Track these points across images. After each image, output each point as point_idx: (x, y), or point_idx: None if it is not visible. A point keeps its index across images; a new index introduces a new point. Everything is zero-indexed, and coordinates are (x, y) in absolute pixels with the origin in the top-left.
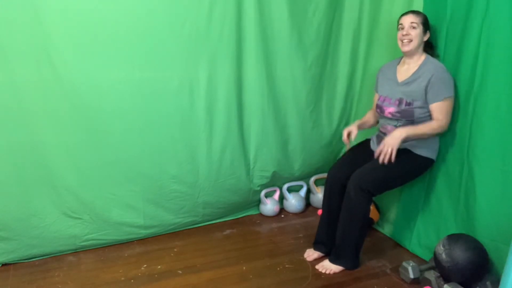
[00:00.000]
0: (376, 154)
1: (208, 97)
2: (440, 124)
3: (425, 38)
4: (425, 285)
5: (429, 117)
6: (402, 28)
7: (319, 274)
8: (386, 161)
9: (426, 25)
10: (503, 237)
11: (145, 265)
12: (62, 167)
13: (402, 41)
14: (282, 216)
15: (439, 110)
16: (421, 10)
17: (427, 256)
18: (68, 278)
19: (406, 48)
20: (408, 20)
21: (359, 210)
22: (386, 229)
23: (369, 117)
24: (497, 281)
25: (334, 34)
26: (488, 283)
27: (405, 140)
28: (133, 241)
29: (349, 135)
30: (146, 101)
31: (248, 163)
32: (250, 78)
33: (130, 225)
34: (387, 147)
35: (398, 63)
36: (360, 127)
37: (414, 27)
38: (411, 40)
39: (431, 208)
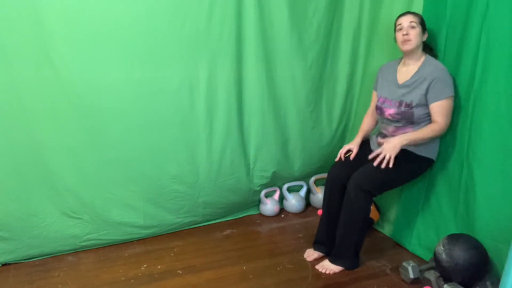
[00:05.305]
0: (371, 156)
1: (208, 97)
2: (439, 127)
3: (424, 38)
4: (425, 285)
5: (428, 117)
6: (401, 29)
7: (319, 274)
8: (383, 166)
9: (423, 25)
10: (503, 237)
11: (145, 265)
12: (62, 167)
13: (402, 41)
14: (282, 216)
15: (439, 110)
16: (420, 10)
17: (427, 256)
18: (68, 278)
19: (406, 47)
20: (406, 20)
21: (359, 210)
22: (386, 229)
23: (367, 126)
24: (497, 281)
25: (334, 34)
26: (488, 283)
27: (404, 146)
28: (133, 241)
29: (347, 152)
30: (146, 101)
31: (248, 163)
32: (250, 78)
33: (130, 225)
34: (385, 153)
35: (399, 64)
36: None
37: (413, 27)
38: (410, 40)
39: (431, 208)
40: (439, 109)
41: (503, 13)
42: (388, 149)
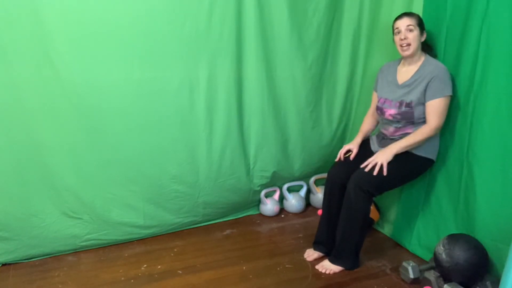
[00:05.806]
0: (363, 165)
1: (208, 97)
2: (429, 128)
3: (422, 39)
4: (425, 285)
5: None
6: (399, 32)
7: (319, 274)
8: (375, 172)
9: (421, 25)
10: (503, 237)
11: (145, 265)
12: (62, 167)
13: (401, 46)
14: (282, 216)
15: (435, 109)
16: (420, 10)
17: (427, 256)
18: (68, 278)
19: (406, 53)
20: (404, 23)
21: (359, 210)
22: (386, 229)
23: (368, 126)
24: (497, 281)
25: (334, 34)
26: (488, 283)
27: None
28: (133, 241)
29: (347, 152)
30: (146, 101)
31: (248, 163)
32: (250, 78)
33: (130, 225)
34: (377, 160)
35: (399, 64)
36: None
37: (411, 30)
38: (409, 44)
39: (431, 208)
40: (435, 108)
41: (503, 13)
42: (380, 157)
